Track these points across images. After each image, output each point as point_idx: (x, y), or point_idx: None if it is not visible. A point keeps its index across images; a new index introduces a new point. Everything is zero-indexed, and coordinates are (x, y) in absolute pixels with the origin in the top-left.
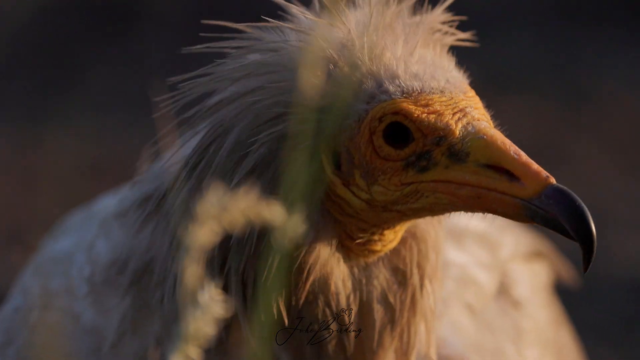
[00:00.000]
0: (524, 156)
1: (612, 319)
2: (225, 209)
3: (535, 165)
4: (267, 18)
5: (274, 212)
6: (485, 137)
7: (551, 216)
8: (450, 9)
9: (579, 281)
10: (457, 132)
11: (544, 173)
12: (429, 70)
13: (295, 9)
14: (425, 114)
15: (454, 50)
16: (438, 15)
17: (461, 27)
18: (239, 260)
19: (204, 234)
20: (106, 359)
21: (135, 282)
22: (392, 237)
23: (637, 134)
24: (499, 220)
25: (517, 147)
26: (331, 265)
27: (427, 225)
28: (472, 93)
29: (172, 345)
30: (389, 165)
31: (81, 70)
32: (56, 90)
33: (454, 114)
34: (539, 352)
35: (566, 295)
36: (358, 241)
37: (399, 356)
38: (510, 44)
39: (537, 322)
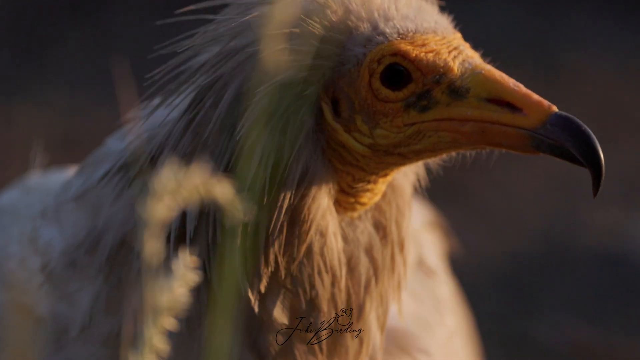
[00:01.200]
0: (523, 88)
1: (585, 291)
2: (181, 185)
3: (536, 96)
4: None
5: (223, 189)
6: (483, 72)
7: (558, 144)
8: None
9: (461, 253)
10: (456, 69)
11: (546, 102)
12: (418, 13)
13: None
14: (424, 53)
15: None
16: None
17: None
18: (203, 231)
19: (162, 207)
20: (74, 344)
21: (112, 257)
22: (381, 188)
23: (607, 107)
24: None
25: (515, 80)
26: (328, 218)
27: (403, 180)
28: (459, 34)
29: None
30: (389, 107)
31: (53, 45)
32: (28, 65)
33: (449, 52)
34: (455, 320)
35: (539, 269)
36: (352, 191)
37: (379, 315)
38: (484, 13)
39: (449, 290)
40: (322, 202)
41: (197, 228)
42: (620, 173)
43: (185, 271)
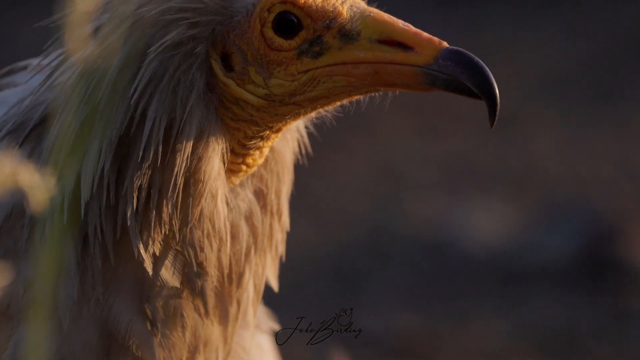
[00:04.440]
0: (412, 27)
1: (410, 280)
2: None
3: (426, 34)
4: None
5: (30, 177)
6: (372, 14)
7: (452, 77)
8: None
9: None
10: (345, 13)
11: (437, 39)
12: None
13: None
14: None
15: None
16: None
17: None
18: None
19: None
20: None
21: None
22: (268, 150)
23: (433, 96)
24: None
25: (404, 21)
26: (218, 181)
27: (285, 148)
28: None
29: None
30: (282, 56)
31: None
32: None
33: None
34: None
35: (364, 258)
36: (242, 150)
37: (256, 283)
38: None
39: None
40: (215, 163)
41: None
42: (443, 162)
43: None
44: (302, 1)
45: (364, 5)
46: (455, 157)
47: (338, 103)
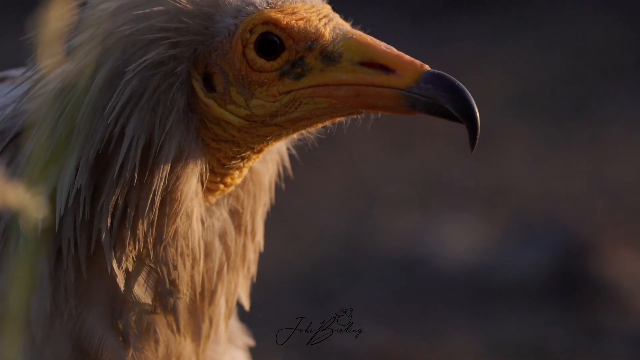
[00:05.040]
0: (395, 50)
1: (383, 296)
2: None
3: (407, 57)
4: None
5: (17, 195)
6: (354, 36)
7: (433, 100)
8: None
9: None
10: (327, 35)
11: (418, 62)
12: None
13: None
14: (294, 21)
15: None
16: None
17: None
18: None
19: None
20: None
21: None
22: (248, 168)
23: None
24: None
25: (386, 44)
26: (195, 201)
27: (263, 170)
28: (328, 5)
29: None
30: (264, 77)
31: None
32: None
33: (320, 19)
34: None
35: (338, 274)
36: (222, 170)
37: (228, 300)
38: None
39: None
40: (193, 183)
41: None
42: (416, 178)
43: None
44: (285, 22)
45: (347, 27)
46: (428, 173)
47: (320, 125)
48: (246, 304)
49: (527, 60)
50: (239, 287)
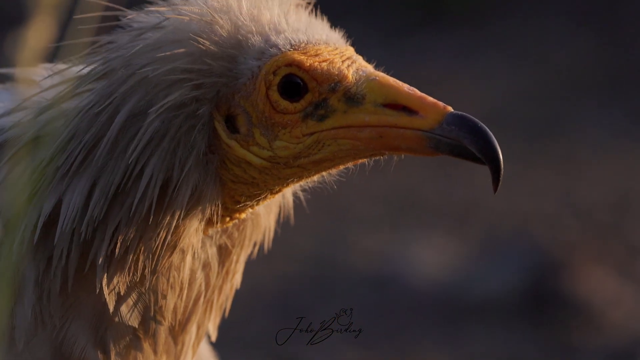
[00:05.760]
0: (418, 92)
1: (356, 313)
2: None
3: (430, 98)
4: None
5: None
6: (377, 78)
7: (456, 142)
8: None
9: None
10: (351, 77)
11: (441, 103)
12: (308, 26)
13: None
14: (318, 62)
15: None
16: None
17: None
18: None
19: None
20: None
21: None
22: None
23: None
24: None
25: (409, 85)
26: (194, 237)
27: (265, 212)
28: (350, 47)
29: None
30: (288, 118)
31: None
32: None
33: (343, 61)
34: None
35: (309, 292)
36: (235, 207)
37: (199, 327)
38: None
39: None
40: (197, 221)
41: None
42: (387, 197)
43: None
44: (308, 64)
45: (370, 68)
46: (399, 191)
47: (342, 166)
48: (213, 336)
49: (498, 77)
50: (210, 319)
